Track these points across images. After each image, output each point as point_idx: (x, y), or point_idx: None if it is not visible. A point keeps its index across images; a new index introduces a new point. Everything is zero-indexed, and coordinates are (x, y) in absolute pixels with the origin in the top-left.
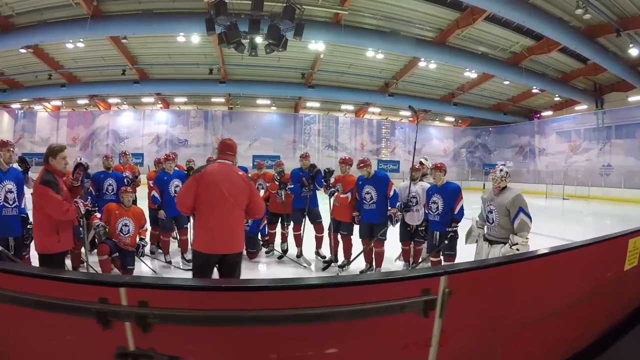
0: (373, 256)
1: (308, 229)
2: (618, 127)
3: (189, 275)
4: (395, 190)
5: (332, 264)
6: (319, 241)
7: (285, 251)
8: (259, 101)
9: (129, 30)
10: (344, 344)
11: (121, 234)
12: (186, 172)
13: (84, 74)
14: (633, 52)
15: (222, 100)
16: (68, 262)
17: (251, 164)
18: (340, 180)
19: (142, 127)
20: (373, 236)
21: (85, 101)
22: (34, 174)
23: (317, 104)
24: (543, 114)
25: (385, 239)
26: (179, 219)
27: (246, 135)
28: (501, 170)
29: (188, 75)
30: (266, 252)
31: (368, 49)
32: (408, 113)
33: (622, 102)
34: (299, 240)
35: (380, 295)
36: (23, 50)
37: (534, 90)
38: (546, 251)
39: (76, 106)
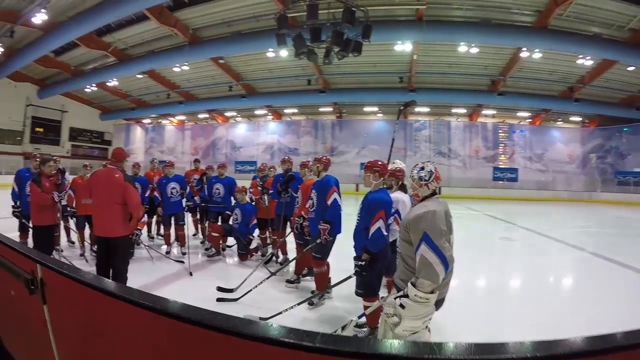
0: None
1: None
2: None
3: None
4: (335, 200)
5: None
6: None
7: (271, 256)
8: (366, 108)
9: (222, 52)
10: None
11: None
12: (200, 177)
13: (198, 91)
14: None
15: (330, 109)
16: None
17: (358, 172)
18: (301, 187)
19: (256, 137)
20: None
21: (205, 115)
22: None
23: (426, 109)
24: None
25: (320, 257)
26: (177, 216)
27: (355, 143)
28: (422, 168)
29: (289, 88)
30: (261, 255)
31: (459, 43)
32: (527, 114)
33: None
34: (281, 246)
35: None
36: (140, 76)
37: None
38: None
39: (197, 120)
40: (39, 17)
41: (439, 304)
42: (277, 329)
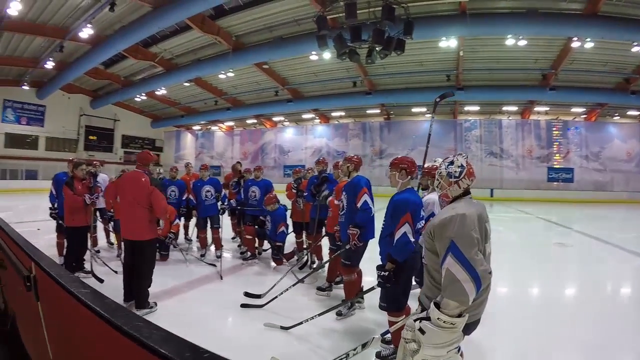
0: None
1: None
2: None
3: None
4: (365, 202)
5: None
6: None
7: (306, 261)
8: (415, 109)
9: (265, 57)
10: None
11: None
12: (237, 180)
13: (245, 97)
14: None
15: (377, 111)
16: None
17: None
18: (335, 190)
19: (304, 141)
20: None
21: (253, 120)
22: None
23: (475, 108)
24: None
25: (349, 264)
26: (212, 219)
27: (404, 144)
28: (451, 163)
29: (335, 90)
30: (297, 260)
31: (506, 36)
32: (581, 109)
33: None
34: (315, 251)
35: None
36: (187, 84)
37: None
38: None
39: (246, 125)
40: (86, 32)
41: (470, 327)
42: None
